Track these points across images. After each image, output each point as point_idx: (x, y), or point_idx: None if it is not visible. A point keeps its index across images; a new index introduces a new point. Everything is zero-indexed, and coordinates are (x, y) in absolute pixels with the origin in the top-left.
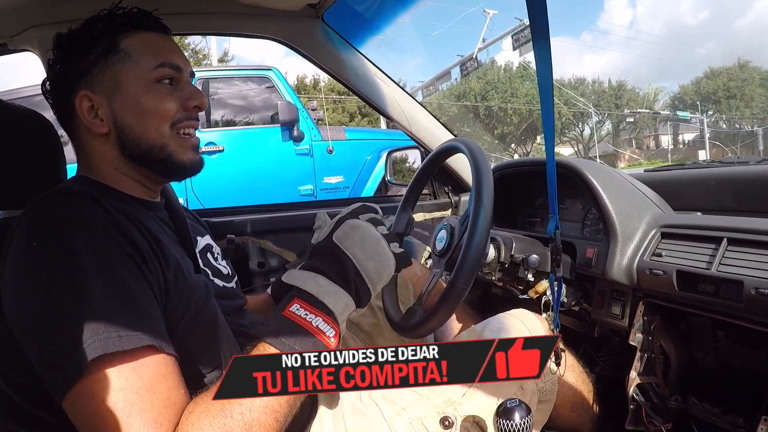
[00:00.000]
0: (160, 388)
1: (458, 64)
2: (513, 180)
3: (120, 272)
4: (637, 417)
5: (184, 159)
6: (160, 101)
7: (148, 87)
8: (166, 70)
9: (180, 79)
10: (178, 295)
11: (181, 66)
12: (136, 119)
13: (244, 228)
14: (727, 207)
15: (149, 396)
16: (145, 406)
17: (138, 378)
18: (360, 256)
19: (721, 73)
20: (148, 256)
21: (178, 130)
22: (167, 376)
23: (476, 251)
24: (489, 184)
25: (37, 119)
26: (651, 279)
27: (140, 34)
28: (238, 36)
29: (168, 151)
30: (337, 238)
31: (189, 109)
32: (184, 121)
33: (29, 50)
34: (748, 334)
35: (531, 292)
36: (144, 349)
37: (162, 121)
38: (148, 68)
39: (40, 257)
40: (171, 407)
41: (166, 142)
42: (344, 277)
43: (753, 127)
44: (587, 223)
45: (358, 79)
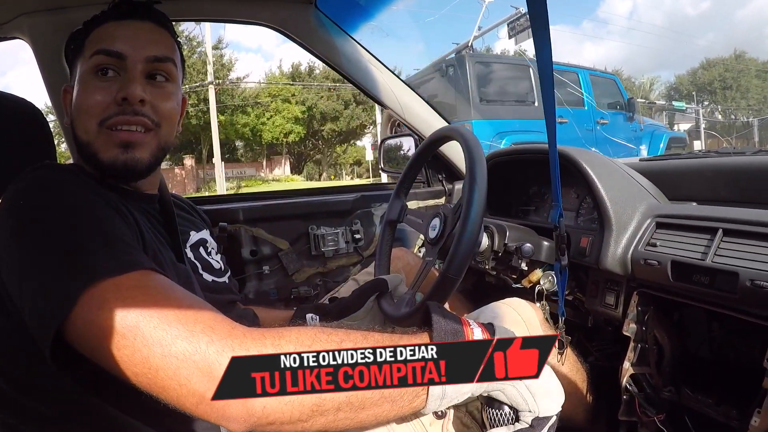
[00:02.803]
0: (175, 296)
1: (453, 52)
2: (507, 168)
3: (110, 218)
4: (630, 407)
5: (107, 158)
6: (87, 94)
7: (84, 79)
8: (101, 58)
9: (122, 67)
10: None
11: (123, 52)
12: (76, 114)
13: (237, 216)
14: (722, 197)
15: (168, 305)
16: (167, 316)
17: (146, 296)
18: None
19: (717, 63)
20: (132, 226)
21: (108, 126)
22: (175, 288)
23: (469, 240)
24: (483, 172)
25: (28, 107)
26: (645, 269)
27: (106, 24)
28: (231, 22)
29: (92, 150)
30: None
31: (120, 103)
32: (113, 117)
33: (19, 38)
34: (742, 326)
35: (525, 281)
36: (144, 271)
37: (88, 118)
38: (87, 57)
39: (30, 212)
40: (201, 307)
41: (90, 140)
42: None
43: (748, 118)
44: (581, 212)
45: (352, 66)
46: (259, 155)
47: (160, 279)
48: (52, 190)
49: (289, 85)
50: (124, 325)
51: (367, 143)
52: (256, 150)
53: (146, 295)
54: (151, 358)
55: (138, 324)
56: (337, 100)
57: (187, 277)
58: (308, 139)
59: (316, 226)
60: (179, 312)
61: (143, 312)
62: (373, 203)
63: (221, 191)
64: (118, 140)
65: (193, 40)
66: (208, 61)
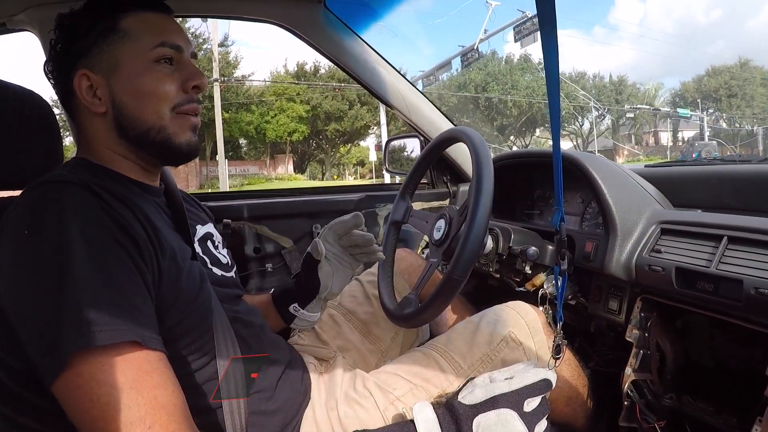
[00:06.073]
0: (144, 386)
1: (459, 55)
2: (512, 171)
3: (110, 263)
4: (630, 413)
5: (182, 141)
6: (159, 82)
7: (146, 67)
8: (166, 50)
9: (180, 59)
10: (172, 283)
11: (182, 46)
12: (134, 100)
13: (241, 213)
14: (727, 205)
15: (134, 394)
16: (129, 404)
17: (121, 374)
18: None
19: (723, 71)
20: (143, 245)
21: (179, 112)
22: (151, 373)
23: (474, 242)
24: (489, 175)
25: (35, 99)
26: (650, 275)
27: (141, 13)
28: (239, 19)
29: (167, 133)
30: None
31: (188, 91)
32: (186, 104)
33: (28, 30)
34: (744, 334)
35: (528, 285)
36: (127, 345)
37: (161, 103)
38: (147, 48)
39: (32, 245)
40: (160, 408)
41: (165, 125)
42: None
43: (753, 127)
44: (586, 216)
45: (359, 65)
46: (262, 153)
47: (140, 358)
48: (59, 222)
49: (294, 84)
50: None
51: (371, 144)
52: (260, 148)
53: (123, 375)
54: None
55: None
56: (341, 100)
57: (201, 275)
58: (312, 139)
59: (320, 225)
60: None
61: (114, 391)
62: (377, 203)
63: (224, 188)
64: (190, 124)
65: (199, 37)
66: (214, 59)
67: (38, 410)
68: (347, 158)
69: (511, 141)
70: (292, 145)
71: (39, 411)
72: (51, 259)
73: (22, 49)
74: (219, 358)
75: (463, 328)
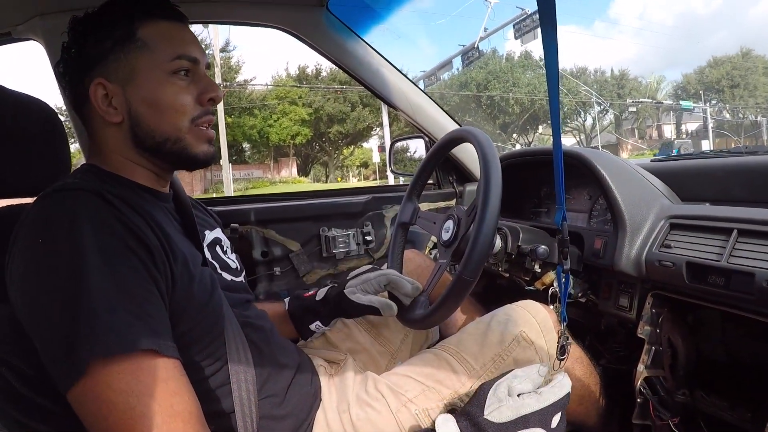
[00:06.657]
0: (161, 393)
1: (460, 54)
2: (519, 170)
3: (124, 271)
4: (644, 410)
5: (198, 152)
6: (177, 95)
7: (164, 79)
8: (183, 62)
9: (196, 71)
10: (184, 290)
11: (198, 58)
12: (151, 111)
13: (248, 217)
14: (735, 197)
15: (150, 401)
16: (146, 412)
17: (137, 382)
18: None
19: (725, 62)
20: (156, 252)
21: (197, 125)
22: (168, 381)
23: (484, 242)
24: (497, 174)
25: (41, 107)
26: (660, 270)
27: (158, 23)
28: (241, 24)
29: (183, 144)
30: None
31: (204, 104)
32: (203, 117)
33: (33, 39)
34: (757, 328)
35: (537, 284)
36: (143, 353)
37: (179, 116)
38: (165, 59)
39: (45, 254)
40: (176, 416)
41: (181, 136)
42: None
43: (757, 117)
44: (594, 213)
45: (363, 68)
46: (266, 157)
47: (157, 365)
48: (73, 231)
49: (296, 87)
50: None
51: (374, 145)
52: (264, 152)
53: (139, 383)
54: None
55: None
56: (343, 102)
57: (212, 280)
58: (315, 141)
59: (327, 228)
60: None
61: (131, 399)
62: (384, 205)
63: (229, 192)
64: (206, 137)
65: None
66: (216, 64)
67: (51, 416)
68: (350, 160)
69: (514, 139)
70: (295, 148)
71: (52, 416)
72: (65, 267)
73: (26, 58)
74: (231, 363)
75: (473, 329)
